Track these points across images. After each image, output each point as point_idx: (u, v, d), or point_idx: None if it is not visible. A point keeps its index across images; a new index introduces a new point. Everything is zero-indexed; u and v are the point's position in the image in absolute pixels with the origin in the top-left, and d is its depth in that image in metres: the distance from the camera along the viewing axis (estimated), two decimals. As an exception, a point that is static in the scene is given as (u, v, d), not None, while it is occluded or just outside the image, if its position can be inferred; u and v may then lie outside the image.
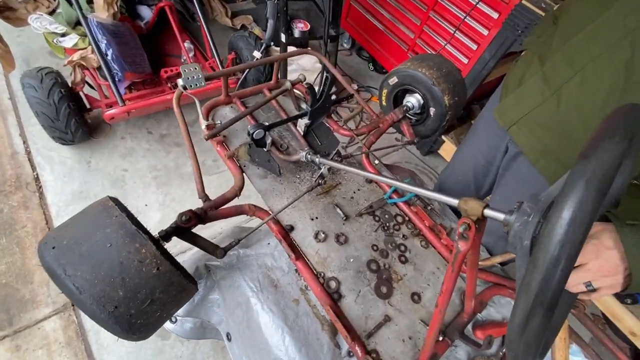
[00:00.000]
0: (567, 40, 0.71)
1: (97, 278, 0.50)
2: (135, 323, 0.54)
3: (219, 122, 0.90)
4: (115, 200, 0.60)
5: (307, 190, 0.84)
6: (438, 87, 0.88)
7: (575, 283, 0.51)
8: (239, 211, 0.76)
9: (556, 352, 0.71)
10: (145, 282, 0.53)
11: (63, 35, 1.81)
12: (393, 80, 0.96)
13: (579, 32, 0.68)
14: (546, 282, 0.31)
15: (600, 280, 0.50)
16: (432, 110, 0.93)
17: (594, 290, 0.51)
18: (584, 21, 0.68)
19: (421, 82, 0.90)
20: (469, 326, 0.78)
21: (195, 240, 0.66)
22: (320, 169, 0.80)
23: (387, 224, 0.88)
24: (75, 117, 1.68)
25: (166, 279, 0.55)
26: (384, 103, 1.04)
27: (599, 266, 0.50)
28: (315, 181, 0.86)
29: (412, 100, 0.97)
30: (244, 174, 0.86)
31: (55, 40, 1.80)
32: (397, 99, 1.01)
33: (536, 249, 0.32)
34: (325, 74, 0.83)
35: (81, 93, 1.75)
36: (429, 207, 0.95)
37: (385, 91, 1.01)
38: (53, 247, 0.52)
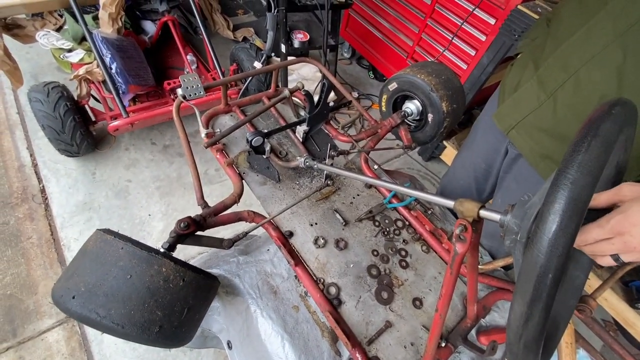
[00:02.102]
0: (559, 44, 0.71)
1: (132, 309, 0.53)
2: (181, 332, 0.58)
3: (219, 130, 0.91)
4: (110, 232, 0.61)
5: (316, 191, 0.85)
6: (436, 94, 0.88)
7: (601, 254, 0.48)
8: (237, 217, 0.76)
9: (562, 357, 0.69)
10: (177, 295, 0.57)
11: (70, 50, 1.86)
12: (393, 86, 0.97)
13: (570, 36, 0.69)
14: (539, 288, 0.32)
15: (630, 255, 0.47)
16: (430, 117, 0.94)
17: (624, 262, 0.48)
18: (575, 25, 0.68)
19: (420, 88, 0.91)
20: (473, 332, 0.77)
21: (200, 241, 0.67)
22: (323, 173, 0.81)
23: (387, 229, 0.88)
24: (80, 130, 1.71)
25: (193, 285, 0.59)
26: (383, 109, 1.05)
27: (625, 242, 0.46)
28: (325, 182, 0.87)
29: (411, 106, 0.97)
30: (243, 181, 0.86)
31: (62, 56, 1.85)
32: (396, 105, 1.02)
33: (524, 266, 0.33)
34: (323, 81, 0.85)
35: (87, 106, 1.79)
36: (429, 212, 0.94)
37: (385, 97, 1.02)
38: (73, 297, 0.54)
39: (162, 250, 0.62)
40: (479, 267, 0.80)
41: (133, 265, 0.55)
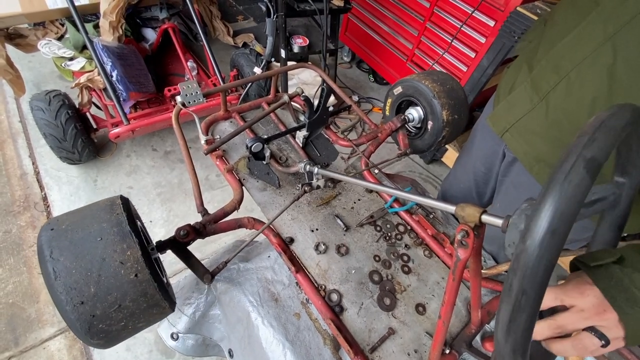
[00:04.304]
0: (552, 47, 0.71)
1: (76, 268, 0.49)
2: (96, 326, 0.51)
3: (218, 136, 0.91)
4: (124, 200, 0.60)
5: (294, 200, 0.81)
6: (438, 101, 0.88)
7: (574, 328, 0.43)
8: (237, 224, 0.75)
9: (569, 362, 0.67)
10: (120, 285, 0.51)
11: (71, 59, 1.88)
12: (398, 90, 0.97)
13: (563, 37, 0.68)
14: (528, 279, 0.30)
15: (608, 329, 0.42)
16: (429, 124, 0.93)
17: (609, 342, 0.42)
18: (568, 27, 0.68)
19: (423, 94, 0.91)
20: (477, 338, 0.75)
21: (189, 260, 0.66)
22: (313, 179, 0.79)
23: (389, 234, 0.87)
24: (81, 137, 1.72)
25: (141, 288, 0.53)
26: (387, 112, 1.05)
27: (592, 305, 0.43)
28: (301, 188, 0.84)
29: (414, 112, 0.97)
30: (243, 187, 0.86)
31: (63, 64, 1.87)
32: (400, 110, 1.02)
33: (518, 249, 0.31)
34: (323, 86, 0.85)
35: (88, 114, 1.80)
36: (431, 216, 0.93)
37: (389, 100, 1.02)
38: (52, 229, 0.52)
39: (153, 245, 0.60)
40: (482, 271, 0.79)
41: (111, 232, 0.53)
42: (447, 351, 0.69)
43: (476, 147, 1.06)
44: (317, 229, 0.83)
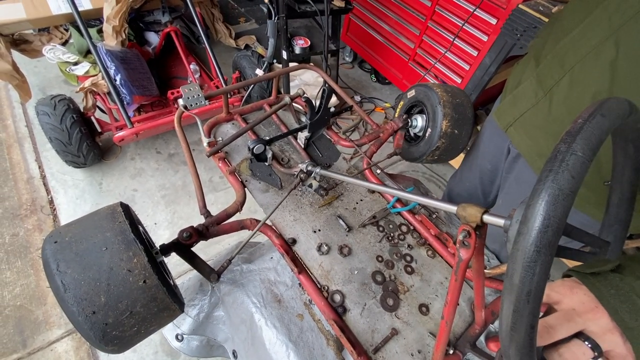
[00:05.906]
0: (558, 41, 0.71)
1: (84, 279, 0.50)
2: (109, 333, 0.52)
3: (221, 139, 0.92)
4: (124, 207, 0.60)
5: (291, 190, 0.82)
6: (442, 109, 0.88)
7: (562, 328, 0.39)
8: (240, 226, 0.76)
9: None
10: (129, 292, 0.52)
11: (75, 63, 1.90)
12: (411, 93, 0.97)
13: (569, 32, 0.68)
14: (527, 270, 0.29)
15: (601, 337, 0.38)
16: (428, 132, 0.93)
17: (602, 352, 0.38)
18: (574, 22, 0.68)
19: (430, 100, 0.91)
20: (481, 338, 0.75)
21: (193, 260, 0.66)
22: (314, 178, 0.80)
23: (392, 234, 0.87)
24: (86, 141, 1.74)
25: (150, 293, 0.54)
26: (396, 115, 1.05)
27: (581, 302, 0.40)
28: (297, 175, 0.84)
29: (419, 119, 0.97)
30: (245, 188, 0.86)
31: (68, 69, 1.89)
32: (410, 116, 1.02)
33: (515, 245, 0.31)
34: (324, 87, 0.85)
35: (93, 118, 1.82)
36: (434, 215, 0.93)
37: (401, 103, 1.03)
38: (55, 242, 0.53)
39: (157, 248, 0.61)
40: (486, 271, 0.79)
41: (115, 241, 0.53)
42: (451, 351, 0.69)
43: (484, 144, 1.06)
44: (319, 230, 0.83)
